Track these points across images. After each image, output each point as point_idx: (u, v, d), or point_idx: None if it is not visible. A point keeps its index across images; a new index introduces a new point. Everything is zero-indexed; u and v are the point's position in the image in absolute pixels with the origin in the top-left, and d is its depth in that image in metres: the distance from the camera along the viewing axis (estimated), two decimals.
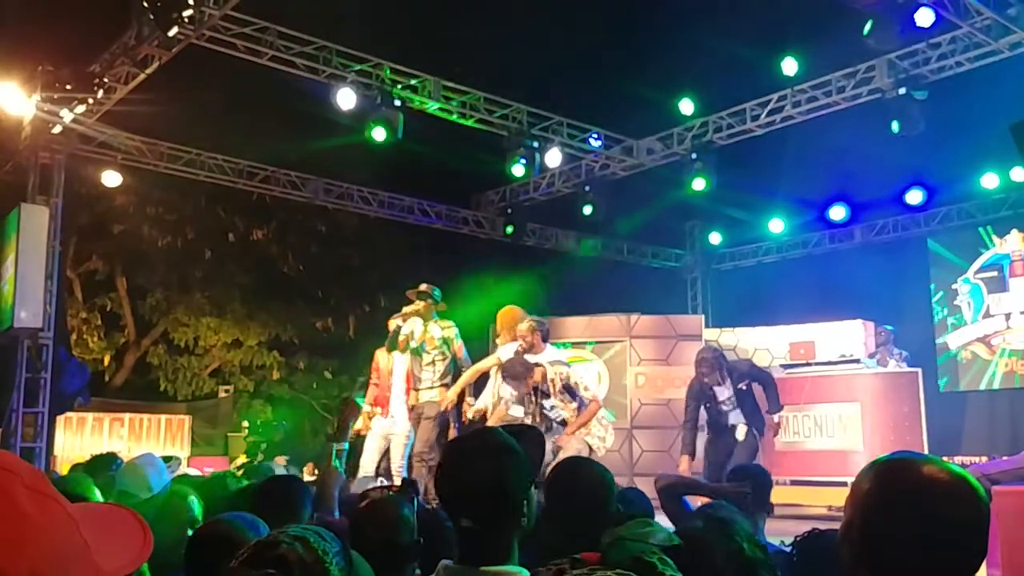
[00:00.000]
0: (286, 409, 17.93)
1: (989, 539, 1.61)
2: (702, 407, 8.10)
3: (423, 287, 8.38)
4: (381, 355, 8.58)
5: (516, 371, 7.35)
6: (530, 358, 7.54)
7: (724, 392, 7.97)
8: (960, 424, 12.66)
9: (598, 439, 7.37)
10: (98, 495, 3.87)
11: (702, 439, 8.31)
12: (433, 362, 8.26)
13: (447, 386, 8.22)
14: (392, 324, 8.40)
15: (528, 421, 7.24)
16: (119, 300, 17.35)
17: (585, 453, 7.03)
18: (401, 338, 8.25)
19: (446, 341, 8.33)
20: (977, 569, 1.58)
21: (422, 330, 8.22)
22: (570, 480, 2.53)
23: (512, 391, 7.60)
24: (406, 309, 8.34)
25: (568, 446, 7.13)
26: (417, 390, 8.26)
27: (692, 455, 7.96)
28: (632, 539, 1.59)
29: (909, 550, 1.51)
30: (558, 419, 7.35)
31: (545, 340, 7.79)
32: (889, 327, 11.95)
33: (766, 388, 8.08)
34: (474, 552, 1.92)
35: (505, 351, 8.08)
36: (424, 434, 8.10)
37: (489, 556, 1.91)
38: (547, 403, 7.31)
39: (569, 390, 7.32)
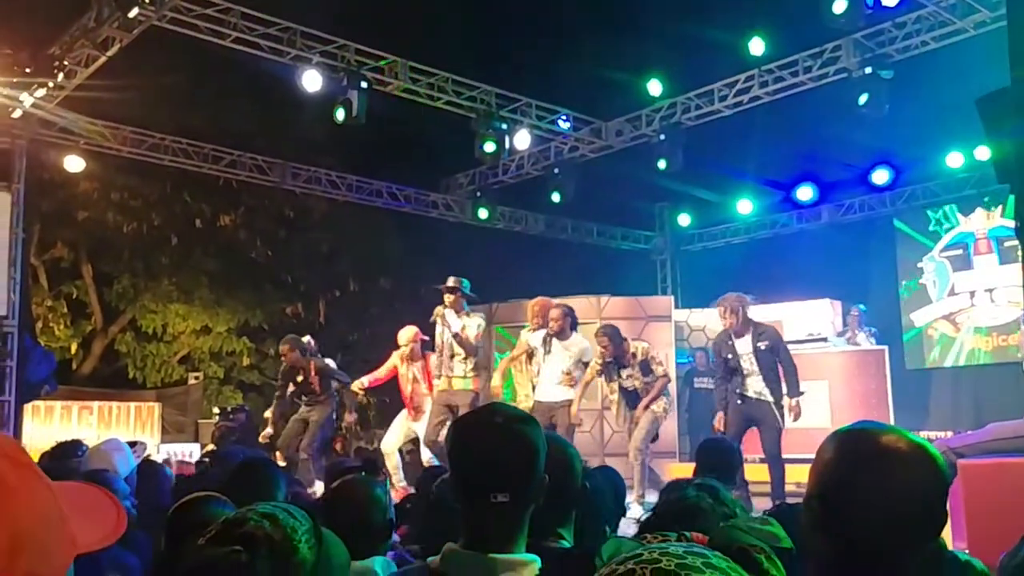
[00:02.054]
0: (256, 395, 17.84)
1: (953, 510, 1.61)
2: (725, 360, 7.88)
3: (451, 282, 8.46)
4: (397, 359, 9.04)
5: (612, 332, 8.15)
6: (565, 341, 8.10)
7: (744, 345, 7.76)
8: (926, 400, 12.81)
9: (663, 410, 8.28)
10: None
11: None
12: (466, 357, 8.38)
13: (479, 376, 8.59)
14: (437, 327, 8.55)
15: (608, 387, 8.40)
16: (85, 287, 17.15)
17: (650, 421, 8.12)
18: (438, 342, 8.48)
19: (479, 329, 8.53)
20: (936, 535, 1.59)
21: (460, 324, 8.36)
22: None
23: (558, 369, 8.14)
24: (438, 309, 8.46)
25: (643, 419, 8.09)
26: (450, 377, 8.42)
27: (725, 411, 7.85)
28: (743, 530, 1.58)
29: (868, 516, 1.52)
30: (629, 387, 8.22)
31: (574, 327, 8.20)
32: (861, 306, 12.01)
33: (787, 372, 7.80)
34: (494, 530, 1.86)
35: (534, 337, 8.40)
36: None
37: (511, 534, 1.87)
38: (624, 372, 8.19)
39: (645, 365, 8.15)
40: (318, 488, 7.68)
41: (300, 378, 9.36)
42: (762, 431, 7.77)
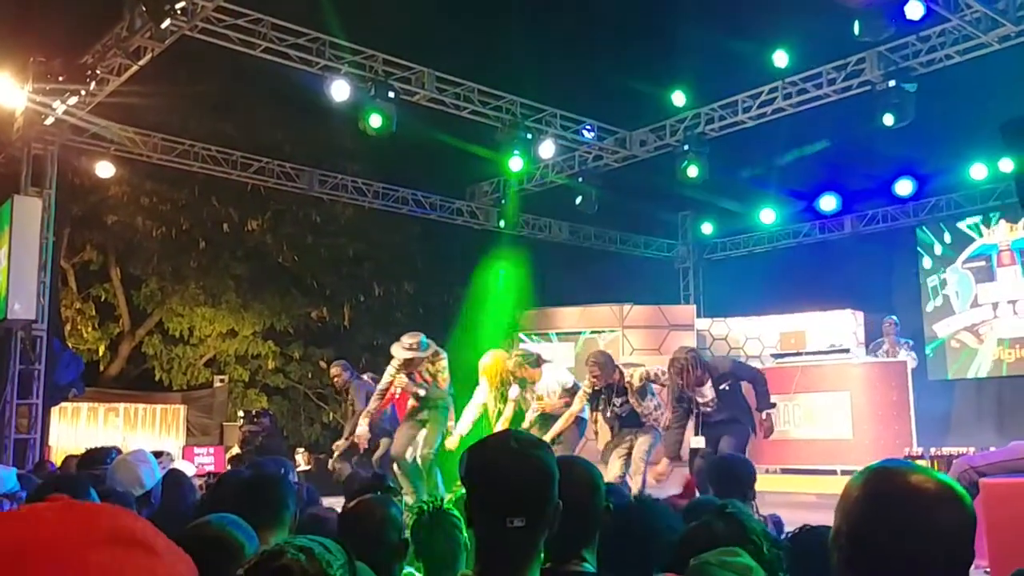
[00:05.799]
0: (281, 399, 17.98)
1: (976, 540, 1.63)
2: (691, 412, 7.60)
3: (408, 350, 8.39)
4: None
5: (604, 361, 7.74)
6: (539, 386, 8.13)
7: (706, 394, 7.51)
8: (948, 412, 12.77)
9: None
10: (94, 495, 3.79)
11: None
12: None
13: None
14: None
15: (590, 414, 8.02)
16: (113, 290, 17.33)
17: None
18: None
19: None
20: (963, 574, 1.59)
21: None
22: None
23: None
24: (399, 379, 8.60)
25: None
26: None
27: (674, 458, 7.59)
28: (716, 564, 1.63)
29: (895, 557, 1.54)
30: (624, 413, 7.80)
31: (537, 365, 8.22)
32: (894, 317, 11.87)
33: (755, 386, 7.67)
34: (509, 555, 1.88)
35: (513, 391, 8.44)
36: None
37: (525, 559, 1.88)
38: (618, 400, 7.76)
39: (644, 391, 7.78)
40: None
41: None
42: (721, 444, 7.48)
